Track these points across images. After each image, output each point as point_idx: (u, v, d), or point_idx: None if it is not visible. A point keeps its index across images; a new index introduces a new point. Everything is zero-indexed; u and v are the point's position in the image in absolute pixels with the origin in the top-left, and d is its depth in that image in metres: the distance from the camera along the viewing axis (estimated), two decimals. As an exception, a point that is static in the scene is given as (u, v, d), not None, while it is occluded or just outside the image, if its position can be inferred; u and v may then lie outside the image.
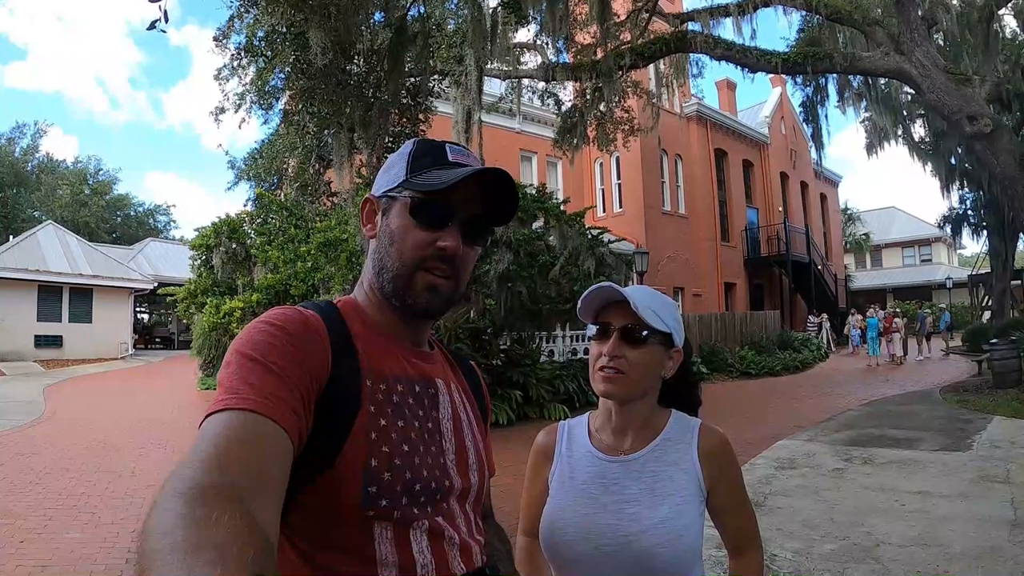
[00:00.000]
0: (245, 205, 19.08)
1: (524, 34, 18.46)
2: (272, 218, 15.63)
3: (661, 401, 1.54)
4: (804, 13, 15.14)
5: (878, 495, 6.09)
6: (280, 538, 0.76)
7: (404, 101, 14.58)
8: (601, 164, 26.41)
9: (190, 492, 0.64)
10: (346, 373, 0.95)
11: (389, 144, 13.88)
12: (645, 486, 1.42)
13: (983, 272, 28.84)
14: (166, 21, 7.09)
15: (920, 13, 12.70)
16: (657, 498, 1.39)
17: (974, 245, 40.62)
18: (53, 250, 24.71)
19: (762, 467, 7.43)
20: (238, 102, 13.75)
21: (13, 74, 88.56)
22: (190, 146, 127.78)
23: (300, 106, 13.49)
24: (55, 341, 23.70)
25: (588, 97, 16.27)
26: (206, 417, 0.80)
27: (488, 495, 1.24)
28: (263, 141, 18.18)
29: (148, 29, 7.18)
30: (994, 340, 14.62)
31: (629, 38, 15.97)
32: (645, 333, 1.42)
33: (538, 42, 16.50)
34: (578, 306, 1.48)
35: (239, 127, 39.35)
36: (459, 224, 1.07)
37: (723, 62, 14.59)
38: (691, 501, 1.40)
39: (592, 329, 1.48)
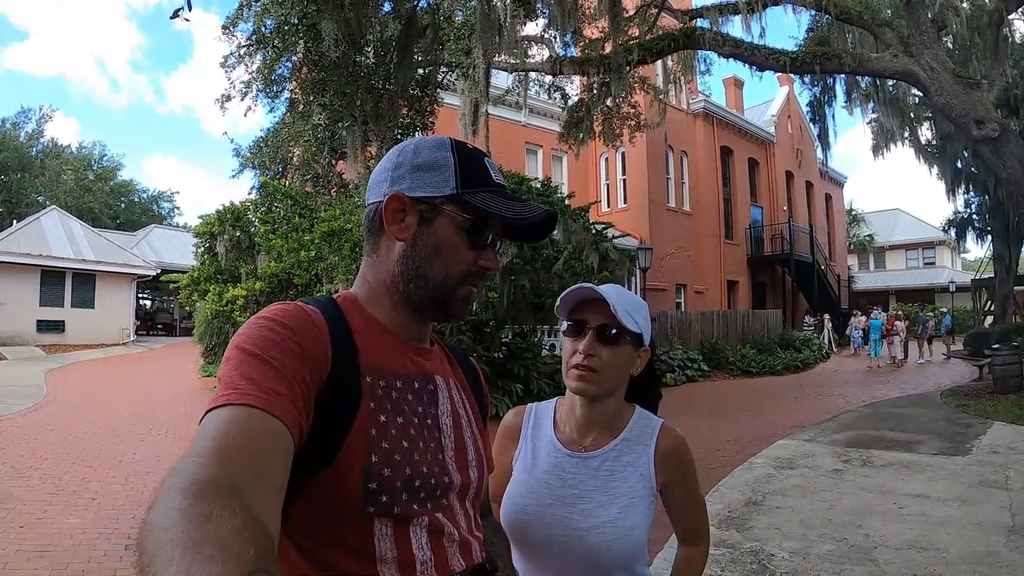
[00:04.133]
0: (250, 193, 19.10)
1: (532, 28, 18.35)
2: (276, 206, 15.62)
3: (626, 397, 1.59)
4: (813, 12, 15.09)
5: (876, 497, 6.10)
6: (280, 534, 0.76)
7: (413, 93, 14.56)
8: (606, 159, 26.36)
9: (190, 488, 0.64)
10: (346, 369, 0.95)
11: (399, 135, 13.87)
12: (600, 484, 1.47)
13: (986, 276, 28.80)
14: (189, 9, 7.08)
15: (930, 16, 12.66)
16: (609, 497, 1.45)
17: (978, 249, 40.59)
18: (56, 235, 24.74)
19: (761, 466, 7.44)
20: (244, 90, 13.75)
21: (13, 56, 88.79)
22: (191, 130, 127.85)
23: (311, 97, 13.47)
24: (57, 326, 23.75)
25: (595, 91, 16.22)
26: (206, 413, 0.80)
27: (487, 491, 1.24)
28: (268, 129, 18.19)
29: (171, 17, 7.21)
30: (996, 345, 14.60)
31: (637, 33, 15.94)
32: (618, 332, 1.45)
33: (546, 35, 16.47)
34: (556, 304, 1.52)
35: (244, 115, 39.27)
36: (493, 242, 1.11)
37: (731, 60, 14.54)
38: (641, 502, 1.46)
39: (565, 325, 1.52)
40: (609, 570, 1.41)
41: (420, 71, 14.26)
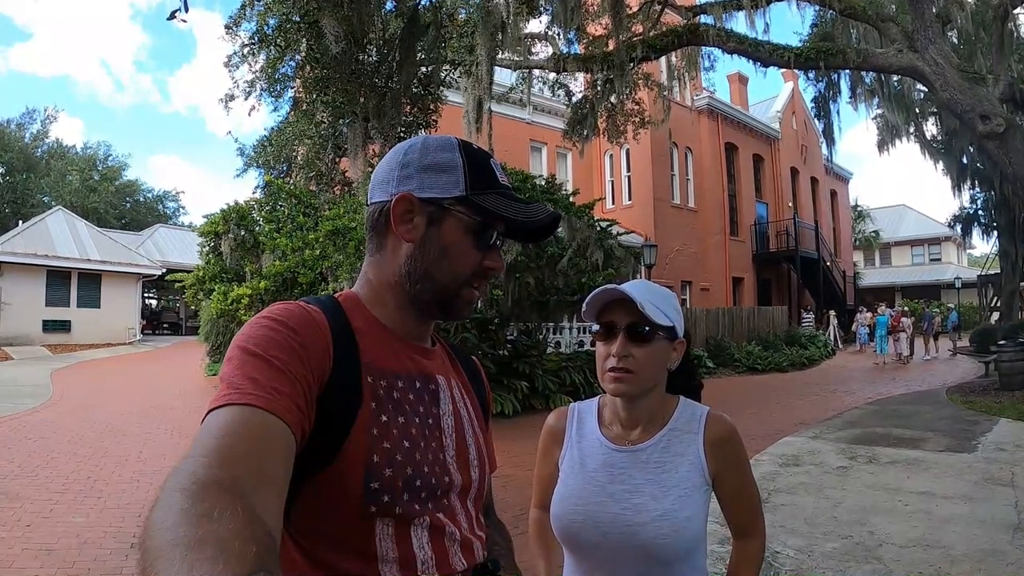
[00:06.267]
0: (254, 192, 19.10)
1: (536, 25, 18.37)
2: (281, 205, 15.62)
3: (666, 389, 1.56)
4: (817, 8, 15.06)
5: (881, 494, 6.08)
6: (281, 534, 0.76)
7: (416, 90, 14.56)
8: (611, 156, 26.33)
9: (192, 487, 0.64)
10: (347, 369, 0.95)
11: (401, 133, 13.86)
12: (651, 476, 1.44)
13: (992, 273, 28.68)
14: (186, 11, 7.07)
15: (934, 10, 12.61)
16: (662, 489, 1.42)
17: (984, 245, 40.61)
18: (62, 235, 24.82)
19: (766, 464, 7.43)
20: (248, 89, 13.77)
21: (17, 56, 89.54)
22: (196, 130, 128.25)
23: (314, 95, 13.47)
24: (63, 326, 23.83)
25: (599, 89, 16.21)
26: (208, 412, 0.80)
27: (490, 491, 1.24)
28: (272, 128, 18.20)
29: (168, 19, 7.22)
30: (1002, 341, 14.55)
31: (641, 30, 15.91)
32: (650, 330, 1.43)
33: (549, 33, 16.46)
34: (582, 309, 1.49)
35: (249, 114, 39.31)
36: (497, 243, 1.10)
37: (735, 56, 14.53)
38: (695, 492, 1.43)
39: (595, 328, 1.50)
40: (668, 564, 1.39)
41: (423, 69, 14.25)
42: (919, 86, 16.72)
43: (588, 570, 1.46)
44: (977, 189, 27.07)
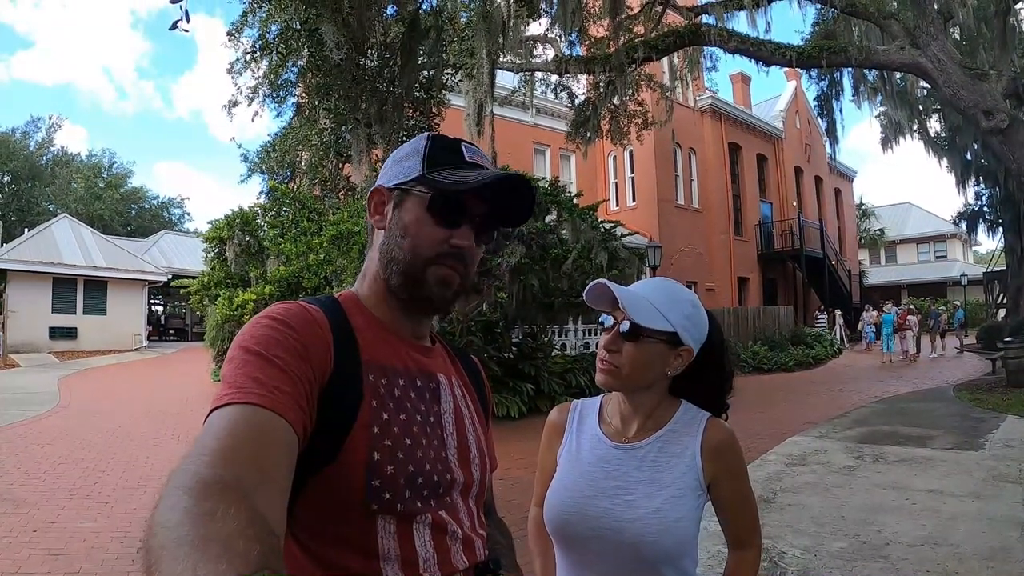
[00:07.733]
0: (258, 198, 19.17)
1: (536, 27, 18.34)
2: (285, 211, 15.67)
3: (678, 393, 1.55)
4: (819, 6, 15.03)
5: (889, 493, 6.06)
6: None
7: (417, 95, 14.58)
8: (614, 157, 26.33)
9: (195, 487, 0.65)
10: (348, 367, 0.96)
11: (404, 138, 13.89)
12: (644, 475, 1.44)
13: (998, 269, 28.55)
14: (187, 20, 7.12)
15: (936, 7, 12.58)
16: (655, 488, 1.41)
17: (989, 242, 40.28)
18: (68, 243, 24.90)
19: (773, 463, 7.41)
20: (251, 95, 13.80)
21: (19, 65, 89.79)
22: (199, 135, 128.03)
23: (316, 102, 13.52)
24: (70, 333, 23.89)
25: (601, 90, 16.23)
26: (210, 412, 0.81)
27: (490, 489, 1.25)
28: (276, 134, 18.27)
29: (170, 29, 7.24)
30: (1009, 338, 14.49)
31: (642, 31, 15.91)
32: (637, 330, 1.42)
33: (551, 35, 16.47)
34: (584, 298, 1.50)
35: (252, 120, 39.41)
36: (471, 223, 1.08)
37: (737, 55, 14.48)
38: (688, 494, 1.41)
39: (607, 319, 1.50)
40: (655, 565, 1.38)
41: (424, 73, 14.28)
42: (922, 83, 16.69)
43: (578, 566, 1.46)
44: (982, 185, 26.89)
